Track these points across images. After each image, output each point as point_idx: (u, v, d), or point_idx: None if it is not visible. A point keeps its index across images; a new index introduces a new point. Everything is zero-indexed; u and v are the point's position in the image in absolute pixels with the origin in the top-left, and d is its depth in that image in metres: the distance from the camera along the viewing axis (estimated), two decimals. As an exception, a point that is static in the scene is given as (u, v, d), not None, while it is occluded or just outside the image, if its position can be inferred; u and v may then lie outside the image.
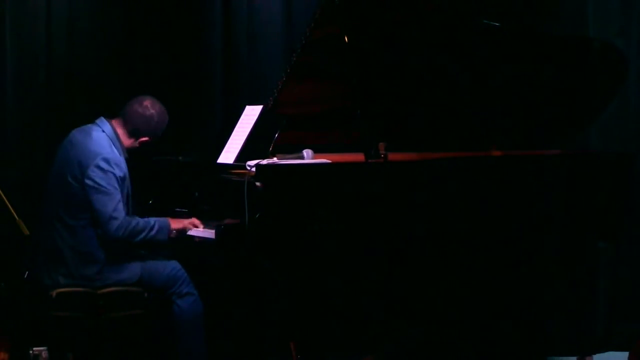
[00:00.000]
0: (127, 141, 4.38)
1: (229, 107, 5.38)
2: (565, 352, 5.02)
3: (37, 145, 5.23)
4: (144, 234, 4.22)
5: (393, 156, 4.13)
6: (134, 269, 4.30)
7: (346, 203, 3.94)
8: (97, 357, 4.27)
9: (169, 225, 4.30)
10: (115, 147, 4.31)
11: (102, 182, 4.18)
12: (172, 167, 4.74)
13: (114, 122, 4.36)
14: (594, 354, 4.90)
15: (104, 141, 4.28)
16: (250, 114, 4.57)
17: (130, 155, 4.37)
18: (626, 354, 4.70)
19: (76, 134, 4.35)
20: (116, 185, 4.20)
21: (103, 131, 4.31)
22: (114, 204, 4.17)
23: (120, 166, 4.25)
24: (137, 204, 4.38)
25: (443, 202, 4.15)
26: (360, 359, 4.37)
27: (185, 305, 4.35)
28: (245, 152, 4.40)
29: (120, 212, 4.19)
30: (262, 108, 4.51)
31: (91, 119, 4.40)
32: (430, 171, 4.20)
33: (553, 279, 4.97)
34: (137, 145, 4.40)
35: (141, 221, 4.25)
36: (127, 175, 4.30)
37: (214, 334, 4.53)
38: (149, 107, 4.37)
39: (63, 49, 5.30)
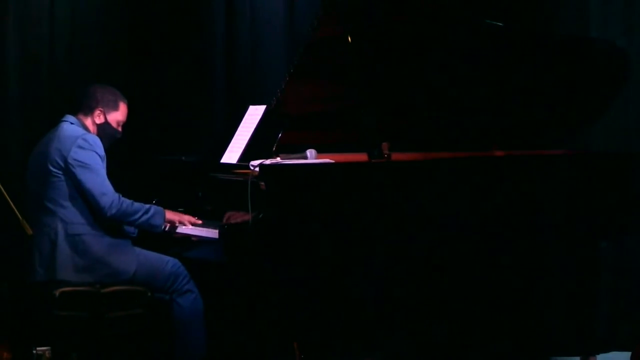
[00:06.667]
0: (90, 123, 4.44)
1: (233, 107, 5.38)
2: (569, 352, 5.02)
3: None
4: (138, 215, 4.28)
5: (396, 156, 4.14)
6: (128, 264, 4.31)
7: (349, 203, 3.94)
8: (100, 357, 4.27)
9: (164, 212, 4.35)
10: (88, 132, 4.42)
11: (86, 160, 4.27)
12: (176, 167, 4.75)
13: (77, 116, 4.45)
14: (598, 353, 4.91)
15: (77, 129, 4.38)
16: (254, 114, 4.58)
17: (133, 155, 4.36)
18: (630, 354, 4.71)
19: (48, 134, 4.43)
20: (99, 162, 4.30)
21: (72, 123, 4.41)
22: (101, 180, 4.26)
23: (99, 145, 4.33)
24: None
25: (446, 202, 4.16)
26: (363, 359, 4.37)
27: (186, 303, 4.37)
28: (249, 152, 4.40)
29: (109, 188, 4.27)
30: (266, 108, 4.52)
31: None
32: (433, 171, 4.21)
33: (556, 279, 4.98)
34: (102, 122, 4.44)
35: (136, 203, 4.30)
36: (105, 158, 4.37)
37: (216, 334, 4.54)
38: (89, 86, 4.53)
39: (66, 48, 5.30)
